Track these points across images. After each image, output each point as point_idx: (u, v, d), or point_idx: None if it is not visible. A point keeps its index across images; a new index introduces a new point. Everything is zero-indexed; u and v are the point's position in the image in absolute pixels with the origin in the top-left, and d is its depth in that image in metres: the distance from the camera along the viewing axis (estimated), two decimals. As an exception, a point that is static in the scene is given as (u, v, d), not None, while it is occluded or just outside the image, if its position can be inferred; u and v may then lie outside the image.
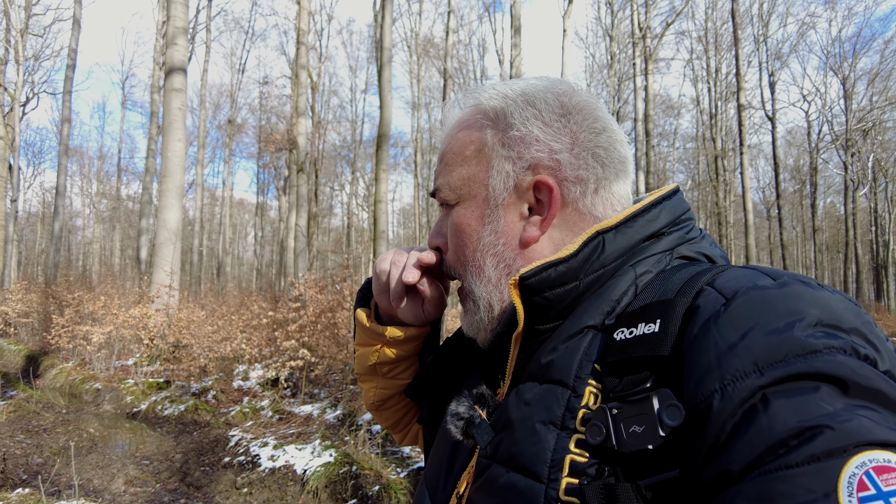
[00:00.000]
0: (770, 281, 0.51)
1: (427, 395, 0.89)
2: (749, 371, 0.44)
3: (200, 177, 29.60)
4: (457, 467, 0.70)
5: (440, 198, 0.76)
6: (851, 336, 0.45)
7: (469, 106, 0.78)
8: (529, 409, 0.60)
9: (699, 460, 0.45)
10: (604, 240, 0.64)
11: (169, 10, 10.02)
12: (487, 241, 0.71)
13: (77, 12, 19.42)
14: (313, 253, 18.58)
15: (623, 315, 0.59)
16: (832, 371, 0.41)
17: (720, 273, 0.56)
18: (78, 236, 42.35)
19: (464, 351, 0.86)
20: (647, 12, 19.43)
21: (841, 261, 34.44)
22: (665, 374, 0.51)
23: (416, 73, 31.46)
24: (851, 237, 27.58)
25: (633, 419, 0.50)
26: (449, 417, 0.70)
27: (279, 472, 5.09)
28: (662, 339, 0.52)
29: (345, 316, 8.40)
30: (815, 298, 0.47)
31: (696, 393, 0.46)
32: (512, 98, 0.73)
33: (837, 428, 0.38)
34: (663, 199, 0.69)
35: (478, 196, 0.73)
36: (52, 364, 9.25)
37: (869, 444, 0.37)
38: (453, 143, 0.76)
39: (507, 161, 0.71)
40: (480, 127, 0.74)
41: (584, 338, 0.60)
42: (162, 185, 9.75)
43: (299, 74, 14.06)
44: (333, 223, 40.98)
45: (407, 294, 0.84)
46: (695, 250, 0.68)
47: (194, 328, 8.92)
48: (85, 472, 5.30)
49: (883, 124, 28.52)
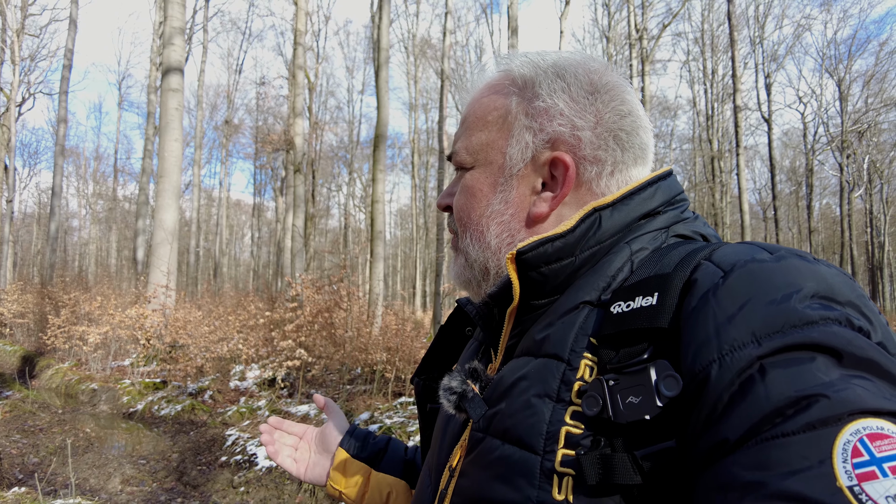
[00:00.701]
0: (767, 255, 0.52)
1: (422, 375, 0.90)
2: (747, 341, 0.44)
3: (197, 177, 29.53)
4: (448, 441, 0.71)
5: (456, 161, 0.76)
6: (846, 308, 0.46)
7: (499, 71, 0.77)
8: (524, 383, 0.60)
9: (696, 429, 0.45)
10: (600, 216, 0.65)
11: (166, 10, 10.01)
12: (496, 209, 0.71)
13: (73, 12, 19.38)
14: (310, 253, 18.58)
15: (619, 290, 0.59)
16: (828, 341, 0.42)
17: (717, 248, 0.56)
18: (74, 237, 42.24)
19: (457, 334, 0.87)
20: (643, 14, 19.49)
21: (837, 262, 34.53)
22: (663, 345, 0.51)
23: (413, 75, 31.44)
24: (847, 238, 27.65)
25: (629, 390, 0.50)
26: (442, 392, 0.69)
27: (276, 470, 5.09)
28: (660, 311, 0.52)
29: (342, 316, 8.40)
30: (812, 271, 0.48)
31: (695, 363, 0.47)
32: (543, 68, 0.72)
33: (833, 397, 0.39)
34: (658, 179, 0.69)
35: (493, 163, 0.72)
36: (48, 364, 9.23)
37: (863, 412, 0.38)
38: (477, 106, 0.75)
39: (528, 132, 0.70)
40: (507, 93, 0.73)
41: (579, 313, 0.61)
42: (159, 185, 9.74)
43: (296, 75, 14.05)
44: (330, 224, 40.96)
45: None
46: (690, 229, 0.68)
47: (191, 328, 8.90)
48: (81, 471, 5.29)
49: (878, 126, 28.65)
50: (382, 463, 1.02)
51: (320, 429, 1.10)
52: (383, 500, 1.01)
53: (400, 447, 1.07)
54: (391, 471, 1.01)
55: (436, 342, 0.89)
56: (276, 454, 1.06)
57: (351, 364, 8.52)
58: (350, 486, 1.01)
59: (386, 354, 8.03)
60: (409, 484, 1.01)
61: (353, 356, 8.46)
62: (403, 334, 8.45)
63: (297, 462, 1.07)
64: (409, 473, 1.02)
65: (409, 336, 8.54)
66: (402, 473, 1.02)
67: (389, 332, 8.61)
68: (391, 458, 1.03)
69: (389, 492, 1.00)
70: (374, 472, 1.01)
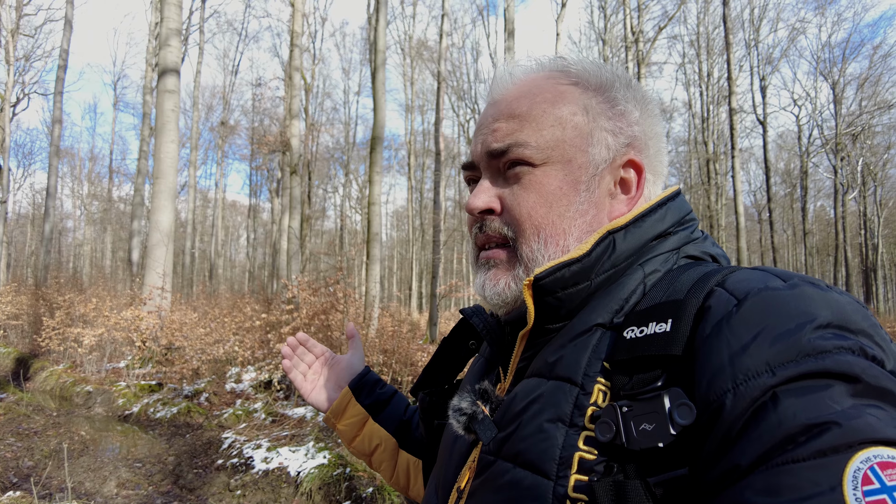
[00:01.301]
0: (780, 282, 0.52)
1: (425, 389, 0.91)
2: (761, 371, 0.45)
3: (193, 178, 29.43)
4: (455, 460, 0.71)
5: (517, 155, 0.69)
6: (860, 337, 0.46)
7: (555, 70, 0.74)
8: (536, 406, 0.60)
9: (709, 457, 0.46)
10: (614, 239, 0.65)
11: (162, 11, 9.99)
12: (579, 210, 0.68)
13: (69, 13, 19.30)
14: (306, 255, 18.54)
15: (632, 313, 0.60)
16: (842, 370, 0.43)
17: (730, 274, 0.56)
18: (69, 238, 42.02)
19: (459, 348, 0.88)
20: (639, 16, 19.56)
21: (831, 264, 34.71)
22: (676, 372, 0.51)
23: (410, 76, 31.48)
24: (841, 241, 27.79)
25: (643, 417, 0.50)
26: (451, 412, 0.69)
27: (273, 473, 5.08)
28: (674, 338, 0.52)
29: (338, 318, 8.38)
30: (825, 300, 0.49)
31: (709, 392, 0.47)
32: (616, 74, 0.73)
33: (844, 425, 0.39)
34: (668, 200, 0.70)
35: (573, 161, 0.69)
36: (43, 367, 9.18)
37: (874, 441, 0.38)
38: (541, 100, 0.70)
39: (609, 133, 0.70)
40: (583, 93, 0.71)
41: (592, 336, 0.61)
42: (154, 187, 9.71)
43: (292, 76, 14.03)
44: (326, 225, 40.89)
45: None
46: (700, 250, 0.69)
47: (187, 330, 8.87)
48: (77, 474, 5.26)
49: (872, 129, 28.81)
50: (381, 415, 1.07)
51: (338, 357, 1.16)
52: (371, 449, 1.06)
53: (401, 404, 1.10)
54: (386, 425, 1.06)
55: (437, 354, 0.89)
56: (291, 369, 1.14)
57: (347, 366, 8.48)
58: (345, 425, 1.07)
59: (382, 357, 8.02)
60: (398, 442, 1.05)
61: (349, 358, 8.42)
62: (399, 336, 8.45)
63: (306, 381, 1.14)
64: (401, 432, 1.06)
65: (406, 338, 8.54)
66: (394, 431, 1.06)
67: (385, 334, 8.60)
68: (390, 413, 1.08)
69: (378, 444, 1.06)
70: (371, 420, 1.06)
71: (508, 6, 14.32)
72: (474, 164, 0.75)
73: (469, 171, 0.77)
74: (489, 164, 0.72)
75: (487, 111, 0.74)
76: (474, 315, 0.77)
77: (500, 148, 0.70)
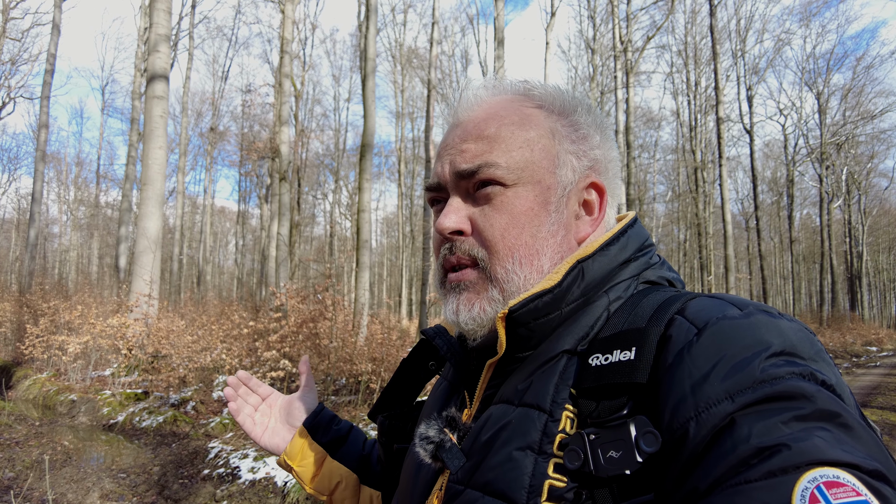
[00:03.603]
0: (737, 311, 0.55)
1: (383, 412, 0.89)
2: (721, 398, 0.47)
3: (181, 184, 29.23)
4: (420, 488, 0.70)
5: (488, 175, 0.68)
6: (809, 362, 0.49)
7: (517, 93, 0.75)
8: (505, 434, 0.60)
9: (673, 482, 0.48)
10: (583, 268, 0.66)
11: (151, 16, 9.94)
12: (550, 230, 0.69)
13: (56, 17, 19.17)
14: (295, 262, 18.44)
15: (596, 341, 0.61)
16: (792, 394, 0.46)
17: (689, 301, 0.59)
18: (54, 244, 41.51)
19: (419, 369, 0.87)
20: (628, 26, 19.75)
21: (817, 271, 35.09)
22: (641, 400, 0.53)
23: (400, 84, 31.54)
24: (827, 248, 28.14)
25: (610, 444, 0.52)
26: (418, 440, 0.69)
27: (259, 484, 5.03)
28: (638, 366, 0.54)
29: (326, 326, 8.35)
30: (777, 328, 0.52)
31: (673, 420, 0.49)
32: (577, 99, 0.75)
33: (794, 447, 0.42)
34: (628, 228, 0.72)
35: (542, 182, 0.69)
36: (26, 375, 9.04)
37: (821, 462, 0.41)
38: (508, 123, 0.71)
39: (573, 156, 0.72)
40: (546, 116, 0.73)
41: (559, 362, 0.62)
42: (142, 192, 9.63)
43: (282, 83, 14.01)
44: (316, 232, 40.75)
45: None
46: (657, 275, 0.71)
47: (174, 338, 8.78)
48: (59, 486, 5.17)
49: (855, 139, 29.31)
50: (340, 452, 1.03)
51: (288, 398, 1.10)
52: (331, 488, 1.02)
53: (359, 439, 1.08)
54: (346, 462, 1.03)
55: (396, 376, 0.89)
56: (238, 411, 1.08)
57: (336, 375, 8.46)
58: (303, 465, 1.02)
59: (371, 365, 7.99)
60: (359, 477, 1.03)
61: (337, 367, 8.40)
62: (389, 343, 8.42)
63: (256, 424, 1.08)
64: (362, 468, 1.03)
65: (395, 345, 8.51)
66: (355, 467, 1.03)
67: (374, 341, 8.57)
68: (349, 449, 1.04)
69: (339, 481, 1.02)
70: (330, 458, 1.03)
71: (498, 15, 14.42)
72: (440, 184, 0.74)
73: (433, 192, 0.76)
74: (458, 184, 0.71)
75: (453, 132, 0.73)
76: (437, 336, 0.77)
77: (470, 168, 0.69)
